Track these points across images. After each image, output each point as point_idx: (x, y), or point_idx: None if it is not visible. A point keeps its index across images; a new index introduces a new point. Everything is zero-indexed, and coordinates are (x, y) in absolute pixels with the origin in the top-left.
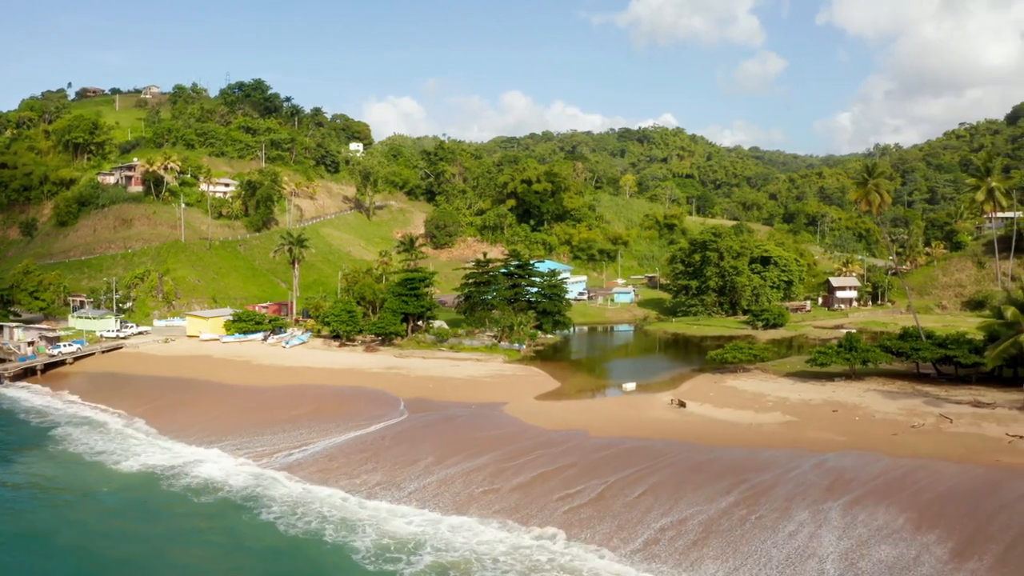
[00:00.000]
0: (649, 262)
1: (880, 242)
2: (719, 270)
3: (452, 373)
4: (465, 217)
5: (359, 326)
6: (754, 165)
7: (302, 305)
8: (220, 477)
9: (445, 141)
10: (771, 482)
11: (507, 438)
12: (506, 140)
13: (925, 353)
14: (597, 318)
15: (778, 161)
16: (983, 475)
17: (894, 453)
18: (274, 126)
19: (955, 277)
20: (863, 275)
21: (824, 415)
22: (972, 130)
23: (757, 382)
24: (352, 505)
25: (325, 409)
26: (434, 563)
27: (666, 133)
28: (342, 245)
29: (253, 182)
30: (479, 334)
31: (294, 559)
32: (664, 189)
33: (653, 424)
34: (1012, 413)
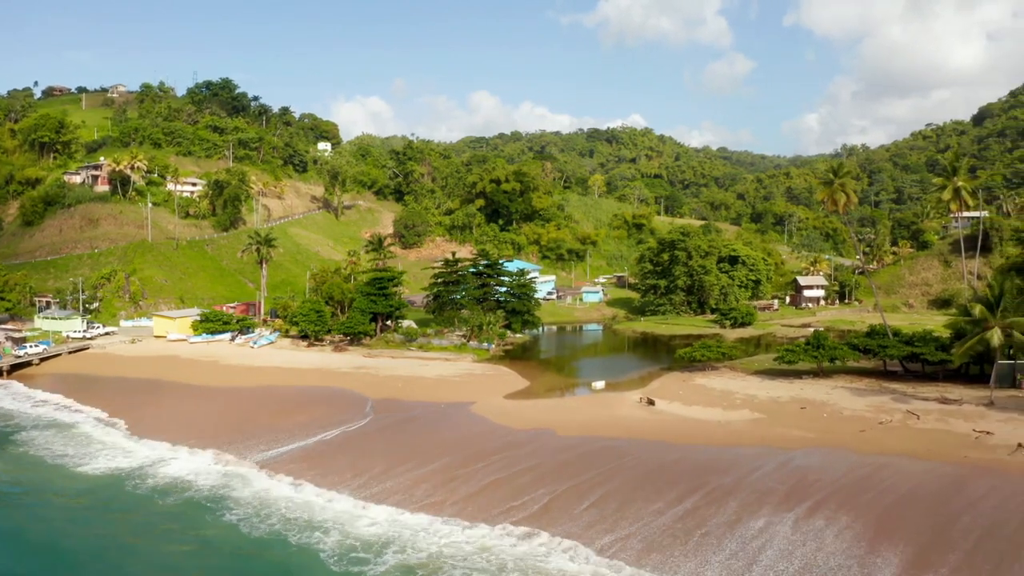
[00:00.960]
0: (618, 262)
1: (847, 241)
2: (687, 269)
3: (421, 372)
4: (434, 217)
5: (327, 326)
6: (722, 165)
7: (270, 305)
8: (187, 478)
9: (414, 141)
10: (730, 486)
11: (473, 439)
12: (475, 140)
13: (892, 351)
14: (566, 317)
15: (746, 161)
16: (949, 473)
17: (861, 450)
18: (242, 125)
19: (922, 276)
20: (830, 274)
21: (792, 412)
22: (938, 131)
23: (726, 380)
24: (318, 505)
25: (293, 410)
26: (398, 564)
27: (635, 133)
28: (310, 245)
29: (220, 181)
30: (448, 333)
31: (259, 559)
32: (633, 189)
33: (622, 422)
34: (979, 409)
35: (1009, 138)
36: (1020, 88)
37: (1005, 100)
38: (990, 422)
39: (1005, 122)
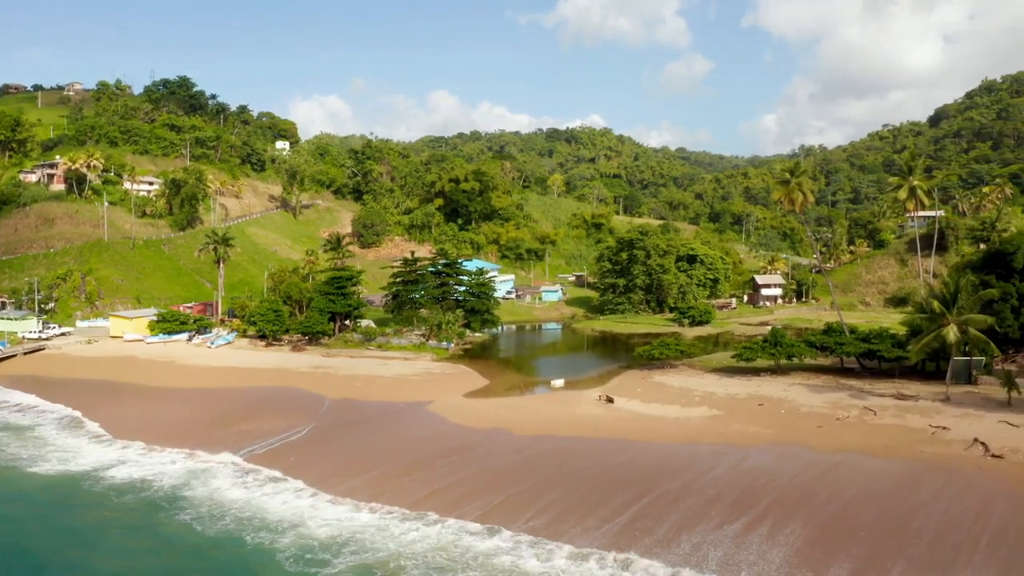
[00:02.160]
0: (577, 261)
1: (804, 241)
2: (646, 268)
3: (380, 372)
4: (393, 216)
5: (286, 325)
6: (680, 165)
7: (228, 305)
8: (144, 478)
9: (373, 140)
10: (677, 492)
11: (428, 439)
12: (434, 139)
13: (849, 348)
14: (525, 316)
15: (704, 162)
16: (904, 470)
17: (817, 447)
18: (199, 124)
19: (878, 275)
20: (788, 273)
21: (750, 409)
22: (895, 132)
23: (684, 378)
24: (275, 505)
25: (250, 411)
26: (357, 563)
27: (594, 133)
28: (268, 244)
29: (177, 180)
30: (407, 333)
31: (215, 559)
32: (592, 189)
33: (581, 420)
34: (935, 405)
35: (965, 139)
36: (976, 90)
37: (961, 101)
38: (946, 418)
39: (961, 123)
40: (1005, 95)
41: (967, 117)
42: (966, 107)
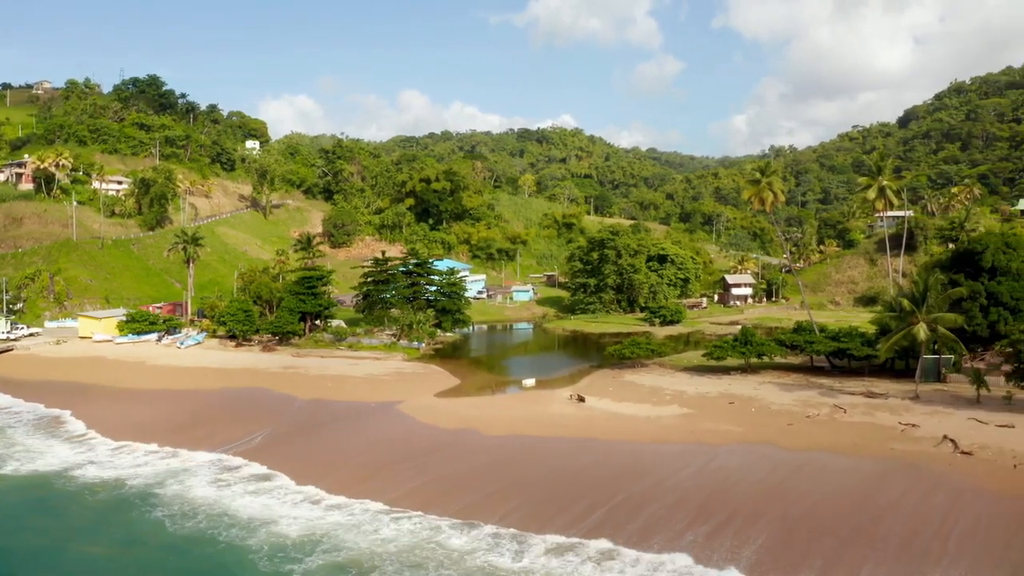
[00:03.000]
0: (548, 261)
1: (774, 241)
2: (617, 268)
3: (351, 372)
4: (363, 216)
5: (256, 326)
6: (651, 166)
7: (197, 305)
8: (116, 477)
9: (343, 140)
10: (641, 497)
11: (398, 440)
12: (405, 139)
13: (819, 346)
14: (496, 316)
15: (675, 162)
16: (873, 468)
17: (787, 445)
18: (169, 123)
19: (848, 274)
20: (758, 273)
21: (721, 407)
22: (865, 133)
23: (655, 376)
24: (245, 504)
25: (220, 411)
26: (328, 562)
27: (565, 134)
28: (238, 244)
29: (147, 180)
30: (378, 333)
31: (188, 558)
32: (563, 189)
33: (551, 420)
34: (904, 403)
35: (934, 140)
36: (945, 91)
37: (930, 103)
38: (915, 415)
39: (930, 124)
40: (974, 96)
41: (936, 118)
42: (935, 108)
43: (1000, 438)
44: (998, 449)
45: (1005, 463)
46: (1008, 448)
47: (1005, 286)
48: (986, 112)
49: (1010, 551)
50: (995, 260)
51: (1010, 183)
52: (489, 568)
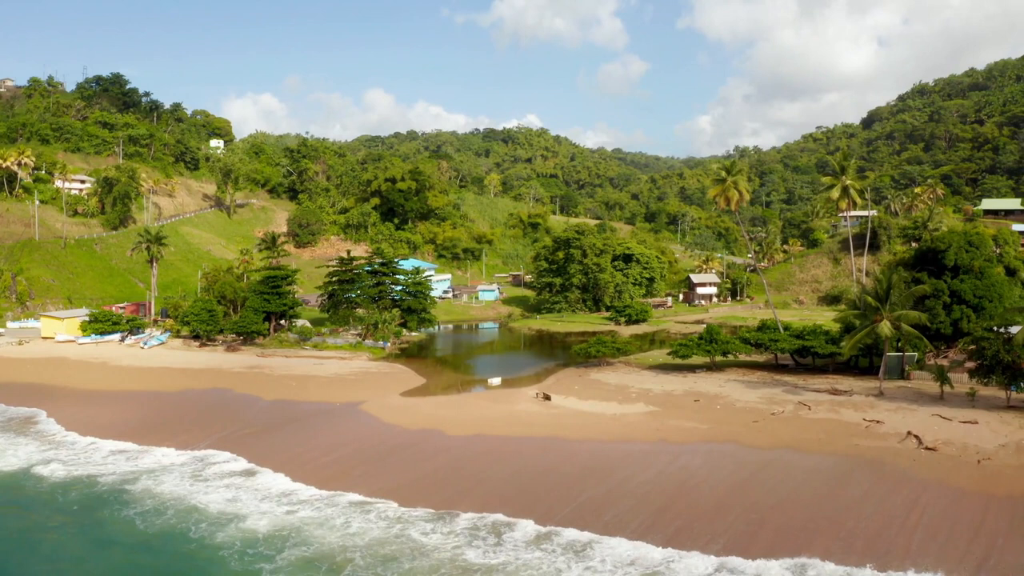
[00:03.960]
0: (514, 260)
1: (739, 240)
2: (582, 267)
3: (316, 372)
4: (328, 216)
5: (220, 325)
6: (617, 166)
7: (161, 305)
8: (85, 475)
9: (308, 139)
10: (605, 497)
11: (359, 440)
12: (370, 139)
13: (783, 344)
14: (462, 316)
15: (640, 162)
16: (837, 466)
17: (752, 443)
18: (132, 121)
19: (812, 273)
20: (723, 272)
21: (686, 405)
22: (828, 133)
23: (621, 375)
24: (212, 501)
25: (181, 411)
26: (299, 557)
27: (530, 134)
28: (202, 244)
29: (110, 179)
30: (343, 332)
31: (158, 555)
32: (528, 189)
33: (518, 418)
34: (868, 400)
35: (897, 140)
36: (908, 92)
37: (894, 104)
38: (880, 412)
39: (893, 125)
40: (937, 98)
41: (899, 119)
42: (899, 109)
43: (964, 434)
44: (962, 445)
45: (969, 459)
46: (972, 444)
47: (968, 284)
48: (949, 113)
49: (974, 545)
50: (958, 258)
51: (973, 183)
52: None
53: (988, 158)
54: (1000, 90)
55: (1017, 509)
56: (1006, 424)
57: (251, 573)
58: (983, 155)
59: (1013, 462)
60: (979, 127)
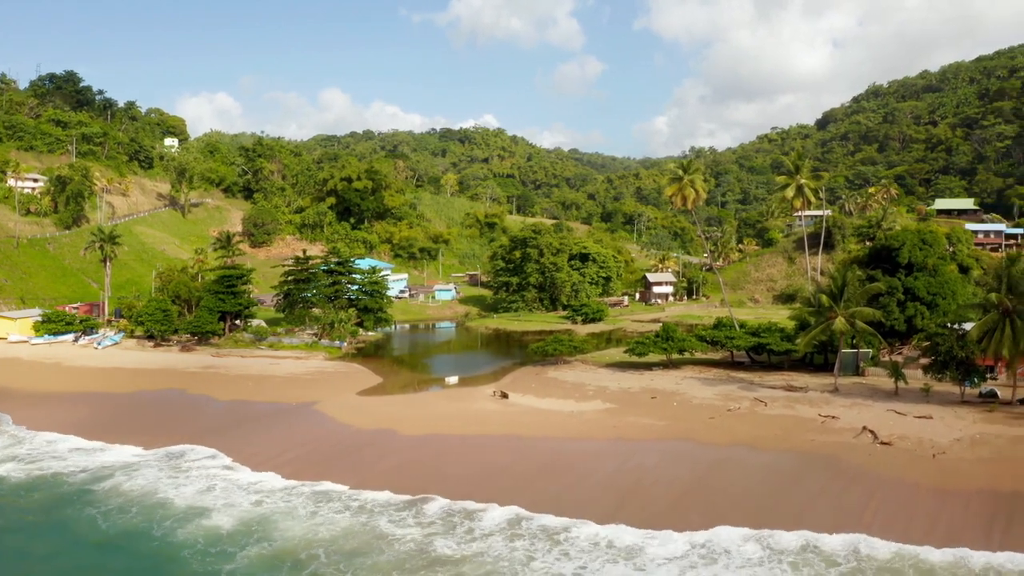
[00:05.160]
0: (470, 260)
1: (695, 240)
2: (539, 266)
3: (272, 371)
4: (284, 215)
5: (174, 325)
6: (573, 166)
7: (115, 305)
8: (37, 476)
9: (264, 138)
10: (557, 495)
11: (312, 441)
12: (326, 138)
13: (739, 341)
14: (419, 315)
15: (597, 163)
16: (792, 463)
17: (709, 440)
18: (86, 120)
19: (767, 272)
20: (679, 271)
21: (643, 402)
22: (783, 134)
23: (578, 373)
24: (169, 500)
25: (134, 412)
26: (260, 552)
27: (487, 134)
28: (156, 243)
29: (63, 177)
30: (299, 332)
31: (121, 553)
32: (485, 188)
33: (475, 416)
34: (824, 396)
35: (851, 141)
36: (863, 94)
37: (848, 105)
38: (835, 407)
39: (848, 126)
40: (891, 99)
41: (854, 121)
42: (853, 111)
43: (919, 429)
44: (917, 439)
45: (924, 453)
46: (927, 438)
47: (921, 281)
48: (903, 115)
49: (930, 539)
50: (912, 256)
51: (926, 184)
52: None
53: (941, 159)
54: (953, 92)
55: (971, 503)
56: (960, 419)
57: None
58: (936, 156)
59: (967, 456)
60: (932, 128)
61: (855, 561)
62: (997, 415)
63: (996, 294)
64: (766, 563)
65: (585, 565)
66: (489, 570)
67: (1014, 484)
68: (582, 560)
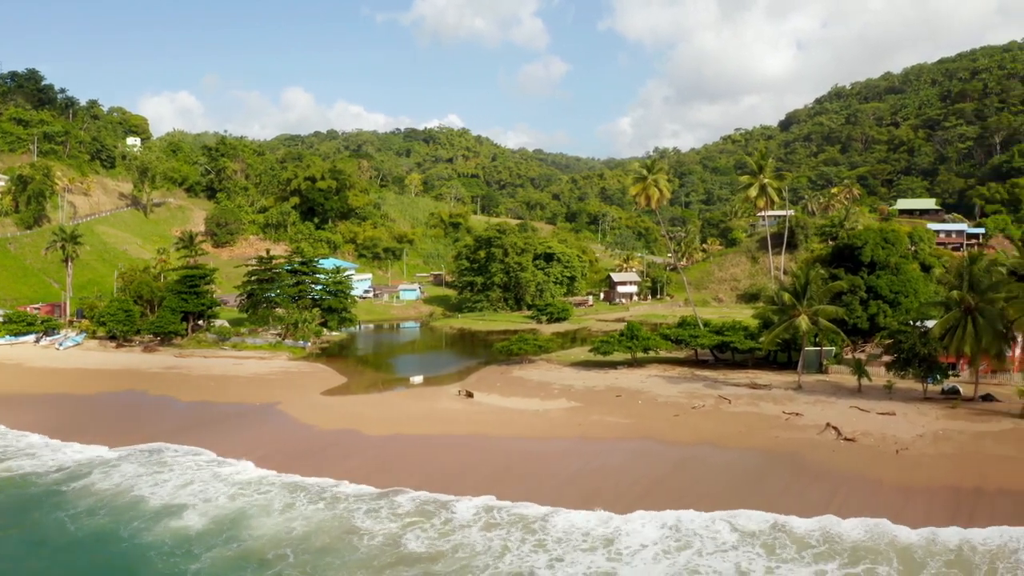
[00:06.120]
0: (435, 260)
1: (659, 240)
2: (504, 266)
3: (236, 372)
4: (247, 215)
5: (137, 326)
6: (538, 166)
7: (76, 305)
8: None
9: (227, 137)
10: (522, 495)
11: (274, 442)
12: (290, 138)
13: (703, 340)
14: (383, 315)
15: (561, 163)
16: (755, 461)
17: (673, 439)
18: (47, 118)
19: (730, 272)
20: (643, 271)
21: (608, 400)
22: (747, 135)
23: (543, 372)
24: (133, 501)
25: (96, 414)
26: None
27: (452, 134)
28: (118, 243)
29: (24, 177)
30: (263, 332)
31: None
32: (450, 188)
33: (439, 416)
34: (787, 393)
35: (814, 142)
36: (826, 95)
37: (811, 107)
38: (799, 404)
39: (811, 127)
40: (854, 101)
41: (817, 122)
42: (816, 112)
43: (882, 425)
44: (880, 436)
45: (887, 449)
46: (890, 435)
47: (884, 280)
48: (865, 116)
49: (902, 521)
50: (874, 255)
51: (888, 184)
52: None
53: (903, 160)
54: (916, 93)
55: (935, 499)
56: (923, 415)
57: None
58: (898, 157)
59: (930, 451)
60: (895, 130)
61: (826, 544)
62: (959, 411)
63: (958, 292)
64: (740, 547)
65: (561, 556)
66: (464, 565)
67: (977, 480)
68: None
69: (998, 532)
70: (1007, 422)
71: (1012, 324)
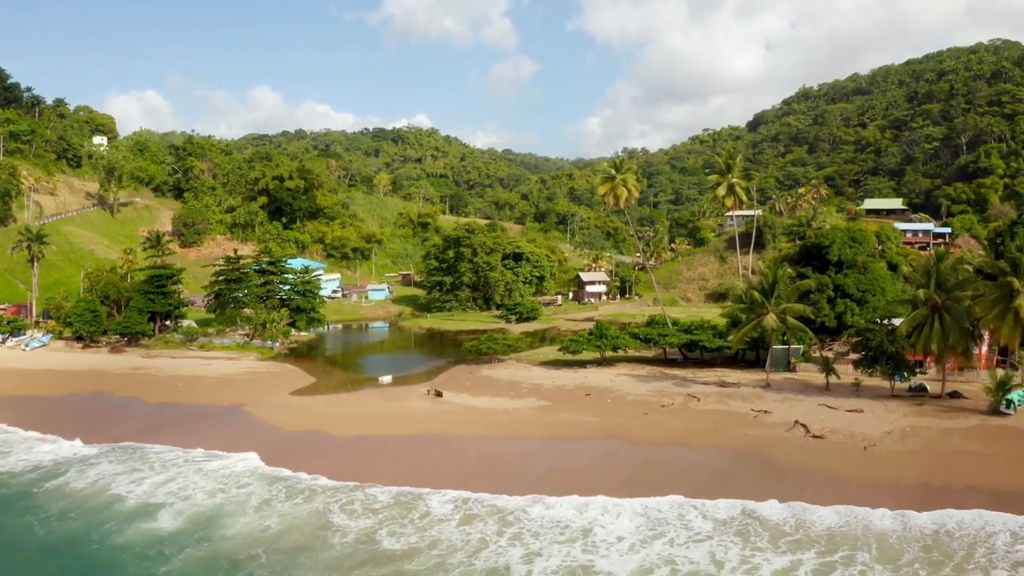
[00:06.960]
0: (403, 260)
1: (628, 240)
2: (473, 266)
3: (203, 372)
4: (215, 215)
5: (104, 326)
6: (507, 166)
7: (43, 306)
8: None
9: (194, 136)
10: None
11: (233, 446)
12: (258, 137)
13: (672, 339)
14: (352, 315)
15: (530, 163)
16: (724, 459)
17: (641, 438)
18: (13, 117)
19: (699, 271)
20: (612, 270)
21: (578, 399)
22: (715, 136)
23: (512, 371)
24: (103, 504)
25: (61, 416)
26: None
27: (420, 134)
28: (85, 244)
29: None
30: (231, 333)
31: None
32: (418, 188)
33: (409, 415)
34: (756, 391)
35: (782, 143)
36: (794, 96)
37: (779, 107)
38: (767, 402)
39: (779, 128)
40: (821, 102)
41: (785, 122)
42: (784, 113)
43: (850, 422)
44: (848, 433)
45: (855, 445)
46: (858, 432)
47: (851, 279)
48: (833, 117)
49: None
50: (842, 254)
51: (855, 184)
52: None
53: (870, 160)
54: (883, 94)
55: (904, 495)
56: (890, 412)
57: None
58: (866, 157)
59: (898, 448)
60: (862, 130)
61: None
62: (927, 408)
63: (925, 290)
64: (715, 536)
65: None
66: (437, 563)
67: (944, 476)
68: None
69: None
70: (974, 419)
71: (978, 322)
